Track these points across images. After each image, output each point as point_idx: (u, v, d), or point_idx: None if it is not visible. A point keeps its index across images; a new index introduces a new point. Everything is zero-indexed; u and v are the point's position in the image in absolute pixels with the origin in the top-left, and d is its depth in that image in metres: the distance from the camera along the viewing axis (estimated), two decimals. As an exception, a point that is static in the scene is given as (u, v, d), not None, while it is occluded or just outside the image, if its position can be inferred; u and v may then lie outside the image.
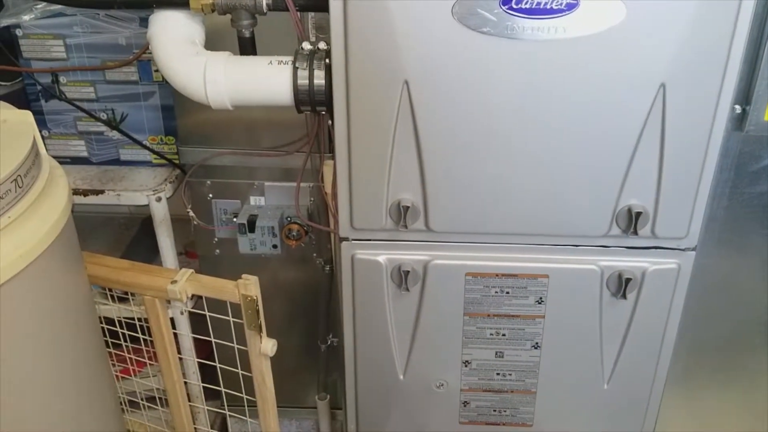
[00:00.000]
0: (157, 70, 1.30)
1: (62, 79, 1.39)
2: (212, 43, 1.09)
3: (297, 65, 1.00)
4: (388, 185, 1.02)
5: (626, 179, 0.99)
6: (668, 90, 0.92)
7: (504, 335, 1.15)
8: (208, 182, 1.41)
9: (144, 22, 1.17)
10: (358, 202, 1.05)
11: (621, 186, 1.00)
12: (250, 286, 1.05)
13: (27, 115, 0.91)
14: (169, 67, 1.02)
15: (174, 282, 1.08)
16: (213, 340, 1.20)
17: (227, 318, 1.12)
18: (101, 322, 1.20)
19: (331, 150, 1.04)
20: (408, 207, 1.03)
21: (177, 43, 1.03)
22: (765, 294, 1.20)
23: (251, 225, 1.36)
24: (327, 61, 0.98)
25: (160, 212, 1.38)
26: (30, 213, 0.82)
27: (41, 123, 1.44)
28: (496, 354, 1.17)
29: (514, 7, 0.87)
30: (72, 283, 0.94)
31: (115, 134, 1.44)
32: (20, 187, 0.80)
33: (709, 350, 1.27)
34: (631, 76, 0.92)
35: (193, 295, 1.13)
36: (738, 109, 1.01)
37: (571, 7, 0.87)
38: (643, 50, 0.90)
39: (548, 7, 0.87)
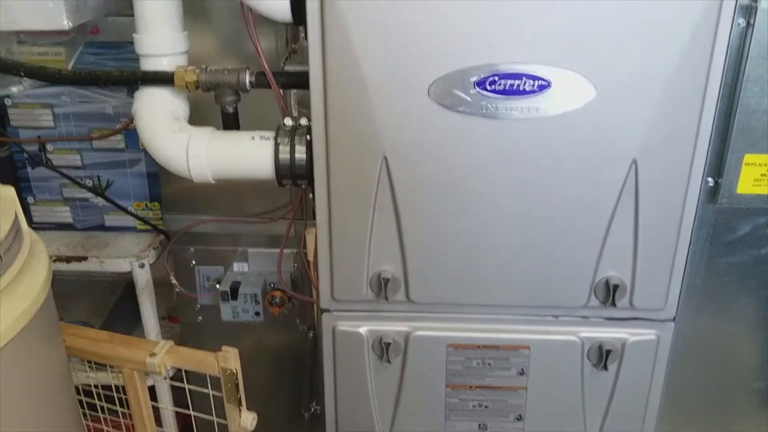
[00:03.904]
0: (143, 139, 1.32)
1: (49, 147, 1.40)
2: (197, 113, 1.11)
3: (279, 140, 1.02)
4: (368, 257, 1.03)
5: (602, 252, 1.00)
6: (640, 165, 0.95)
7: (487, 407, 1.13)
8: (192, 249, 1.41)
9: (132, 92, 1.19)
10: (338, 274, 1.05)
11: (598, 259, 1.01)
12: (229, 358, 1.04)
13: (9, 191, 0.91)
14: (152, 143, 1.04)
15: (153, 355, 1.07)
16: (192, 413, 1.18)
17: (207, 391, 1.11)
18: (79, 393, 1.18)
19: (315, 217, 1.05)
20: (388, 279, 1.03)
21: (161, 119, 1.05)
22: (747, 359, 1.20)
23: (234, 292, 1.36)
24: (308, 137, 1.00)
25: (143, 279, 1.38)
26: (9, 290, 0.82)
27: (27, 190, 1.44)
28: (480, 426, 1.15)
29: (488, 88, 0.90)
30: (49, 358, 0.92)
31: (100, 200, 1.44)
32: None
33: (695, 415, 1.26)
34: (603, 153, 0.94)
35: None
36: (711, 181, 1.02)
37: (542, 88, 0.90)
38: (613, 128, 0.93)
39: (521, 88, 0.90)
